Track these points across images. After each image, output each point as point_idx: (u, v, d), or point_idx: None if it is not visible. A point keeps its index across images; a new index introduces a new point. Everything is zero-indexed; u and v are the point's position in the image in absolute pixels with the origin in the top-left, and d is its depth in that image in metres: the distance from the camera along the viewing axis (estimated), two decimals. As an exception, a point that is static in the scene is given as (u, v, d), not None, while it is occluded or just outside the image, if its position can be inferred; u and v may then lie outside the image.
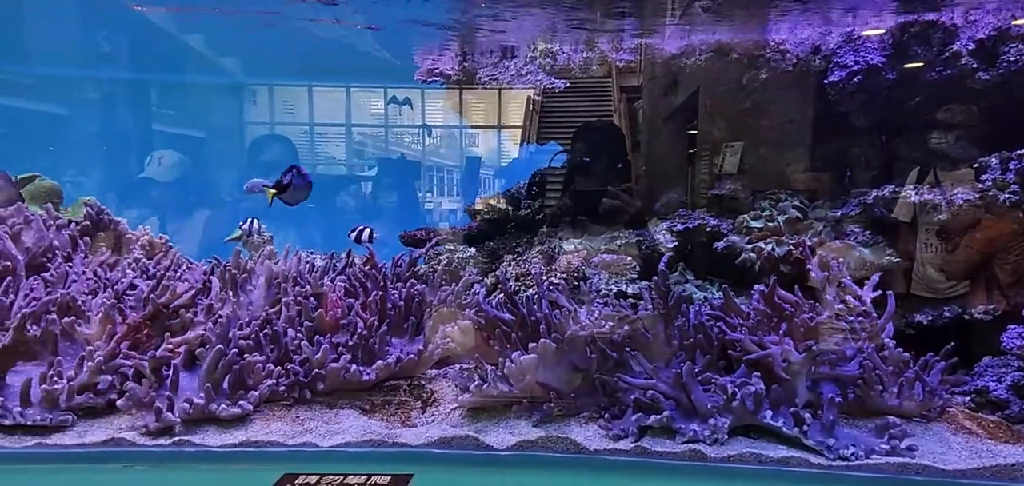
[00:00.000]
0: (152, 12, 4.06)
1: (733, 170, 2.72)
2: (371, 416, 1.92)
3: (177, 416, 1.72)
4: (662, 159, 2.69)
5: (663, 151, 2.72)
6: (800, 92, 2.35)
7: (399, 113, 5.68)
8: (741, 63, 2.34)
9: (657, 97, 2.63)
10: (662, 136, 2.63)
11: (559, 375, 1.83)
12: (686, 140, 2.68)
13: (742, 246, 2.17)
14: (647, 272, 2.40)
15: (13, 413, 1.67)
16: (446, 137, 5.92)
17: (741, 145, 2.67)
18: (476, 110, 3.78)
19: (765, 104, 2.42)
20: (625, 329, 1.82)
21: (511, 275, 2.37)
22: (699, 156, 2.62)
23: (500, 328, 1.95)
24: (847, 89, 2.13)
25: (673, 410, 1.69)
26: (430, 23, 2.35)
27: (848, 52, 2.13)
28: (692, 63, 2.31)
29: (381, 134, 5.92)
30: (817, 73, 2.27)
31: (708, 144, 2.60)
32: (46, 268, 2.41)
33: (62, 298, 2.05)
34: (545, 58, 2.41)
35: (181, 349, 1.94)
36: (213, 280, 2.25)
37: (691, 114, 2.58)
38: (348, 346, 2.03)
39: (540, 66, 2.39)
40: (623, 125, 2.97)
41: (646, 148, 2.86)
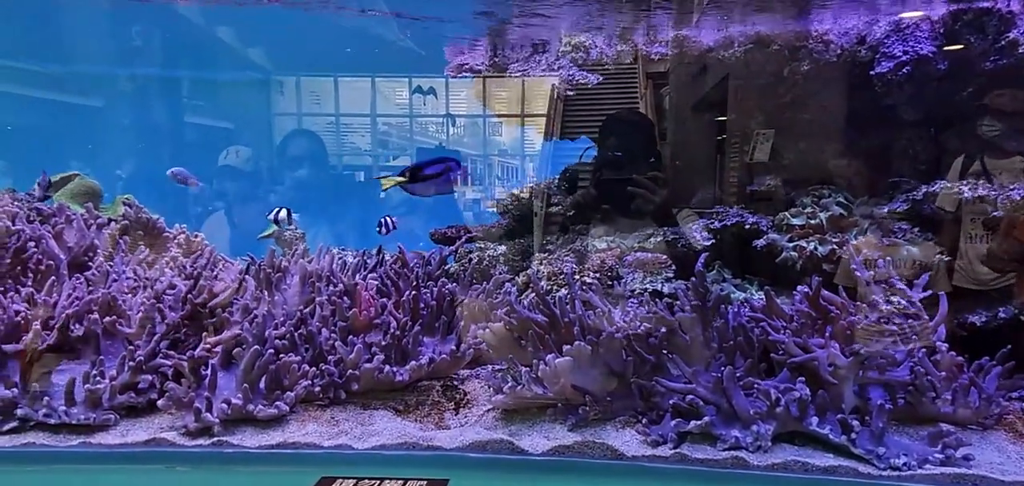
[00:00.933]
0: (182, 3, 4.09)
1: (764, 158, 2.63)
2: (405, 417, 1.92)
3: (215, 416, 1.74)
4: (692, 152, 2.62)
5: (693, 144, 2.65)
6: (844, 84, 2.26)
7: (423, 103, 5.67)
8: (781, 55, 2.26)
9: (688, 89, 2.56)
10: (692, 128, 2.56)
11: (594, 378, 1.80)
12: (717, 132, 2.60)
13: (783, 244, 2.10)
14: (682, 271, 2.34)
15: (58, 412, 1.71)
16: (470, 126, 5.89)
17: (772, 133, 2.59)
18: (501, 101, 3.72)
19: (806, 96, 2.33)
20: (662, 331, 1.77)
21: (542, 274, 2.34)
22: (730, 147, 2.55)
23: (533, 329, 1.93)
24: (895, 80, 2.04)
25: (713, 415, 1.65)
26: (459, 19, 2.33)
27: (896, 42, 2.04)
28: (730, 55, 2.24)
29: (405, 124, 5.92)
30: (862, 64, 2.18)
31: (739, 136, 2.52)
32: (87, 267, 2.47)
33: (103, 297, 2.08)
34: (577, 52, 2.36)
35: (218, 349, 1.96)
36: (248, 279, 2.27)
37: (726, 107, 2.50)
38: (382, 346, 2.03)
39: (572, 61, 2.34)
40: (650, 115, 2.90)
41: (675, 140, 2.79)
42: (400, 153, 6.29)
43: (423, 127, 6.05)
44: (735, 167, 2.39)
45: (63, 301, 2.02)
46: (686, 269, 2.35)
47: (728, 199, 2.55)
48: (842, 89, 2.29)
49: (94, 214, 2.71)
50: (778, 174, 2.37)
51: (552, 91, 3.01)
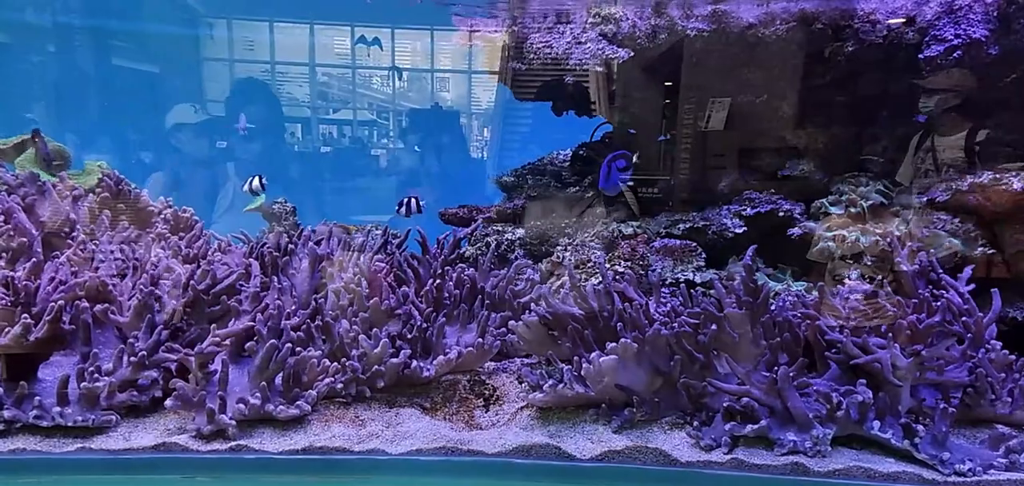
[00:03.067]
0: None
1: (720, 126, 2.57)
2: (433, 416, 1.80)
3: (231, 418, 1.58)
4: (714, 138, 2.51)
5: (716, 130, 2.54)
6: (888, 67, 2.18)
7: (367, 54, 5.40)
8: (824, 34, 2.16)
9: (713, 69, 2.44)
10: (717, 113, 2.46)
11: (639, 377, 1.70)
12: (743, 116, 2.50)
13: (821, 233, 2.03)
14: (712, 259, 2.26)
15: (51, 413, 1.52)
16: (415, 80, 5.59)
17: (728, 101, 2.51)
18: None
19: (846, 79, 2.25)
20: (713, 329, 1.68)
21: (571, 262, 2.22)
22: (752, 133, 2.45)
23: (570, 324, 1.81)
24: (944, 65, 1.97)
25: (768, 418, 1.57)
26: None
27: (948, 25, 1.96)
28: (770, 33, 2.13)
29: (347, 75, 5.62)
30: (908, 46, 2.10)
31: (774, 121, 2.43)
32: (63, 245, 2.24)
33: (91, 282, 1.89)
34: (607, 24, 2.22)
35: (227, 341, 1.79)
36: (253, 263, 2.09)
37: (757, 89, 2.40)
38: (407, 340, 1.89)
39: (601, 33, 2.19)
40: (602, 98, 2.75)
41: (694, 125, 2.68)
42: (341, 106, 5.96)
43: (366, 80, 5.77)
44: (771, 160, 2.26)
45: (46, 286, 1.81)
46: (715, 256, 2.28)
47: (746, 185, 2.46)
48: (885, 73, 2.21)
49: (69, 184, 2.46)
50: (810, 159, 2.29)
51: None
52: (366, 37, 5.29)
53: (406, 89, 5.69)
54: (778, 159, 2.41)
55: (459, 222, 2.81)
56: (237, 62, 5.52)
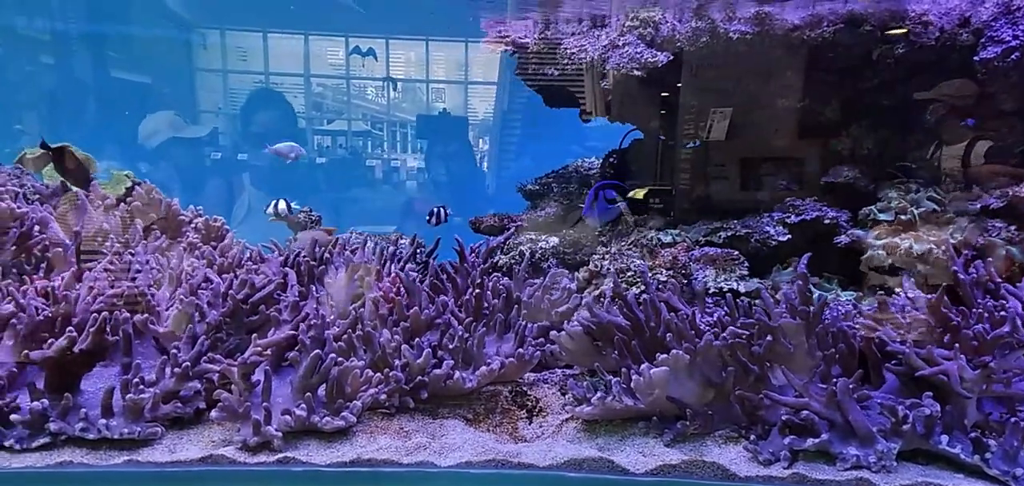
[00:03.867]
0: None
1: (721, 136, 2.52)
2: (477, 427, 1.76)
3: (277, 429, 1.55)
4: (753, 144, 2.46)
5: (757, 134, 2.50)
6: (940, 70, 2.13)
7: (362, 65, 5.40)
8: (872, 36, 2.12)
9: (753, 73, 2.40)
10: (756, 117, 2.41)
11: (691, 389, 1.66)
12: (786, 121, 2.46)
13: (870, 242, 1.98)
14: (755, 267, 2.21)
15: (97, 425, 1.50)
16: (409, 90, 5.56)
17: (730, 110, 2.47)
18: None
19: (893, 82, 2.20)
20: (768, 340, 1.63)
21: (609, 270, 2.18)
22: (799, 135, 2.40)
23: (616, 335, 1.77)
24: (1001, 68, 1.91)
25: (828, 431, 1.52)
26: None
27: (1005, 26, 1.91)
28: (817, 35, 2.08)
29: (341, 86, 5.62)
30: (964, 49, 2.05)
31: (817, 126, 2.38)
32: (96, 254, 2.23)
33: (130, 292, 1.87)
34: (645, 28, 2.18)
35: (268, 352, 1.76)
36: (289, 272, 2.07)
37: (798, 93, 2.36)
38: (448, 350, 1.85)
39: (640, 37, 2.16)
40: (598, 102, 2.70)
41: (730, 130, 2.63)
42: (335, 116, 5.97)
43: (361, 90, 5.77)
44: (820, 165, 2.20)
45: (85, 296, 1.79)
46: (757, 265, 2.23)
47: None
48: (935, 76, 2.16)
49: (100, 193, 2.45)
50: (856, 165, 2.24)
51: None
52: (360, 48, 5.30)
53: (400, 99, 5.70)
54: (821, 165, 2.36)
55: (491, 231, 2.78)
56: (230, 73, 5.53)
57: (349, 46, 5.43)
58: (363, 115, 6.07)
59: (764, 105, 2.40)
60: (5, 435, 1.48)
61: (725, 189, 2.46)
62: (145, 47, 5.32)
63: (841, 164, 2.28)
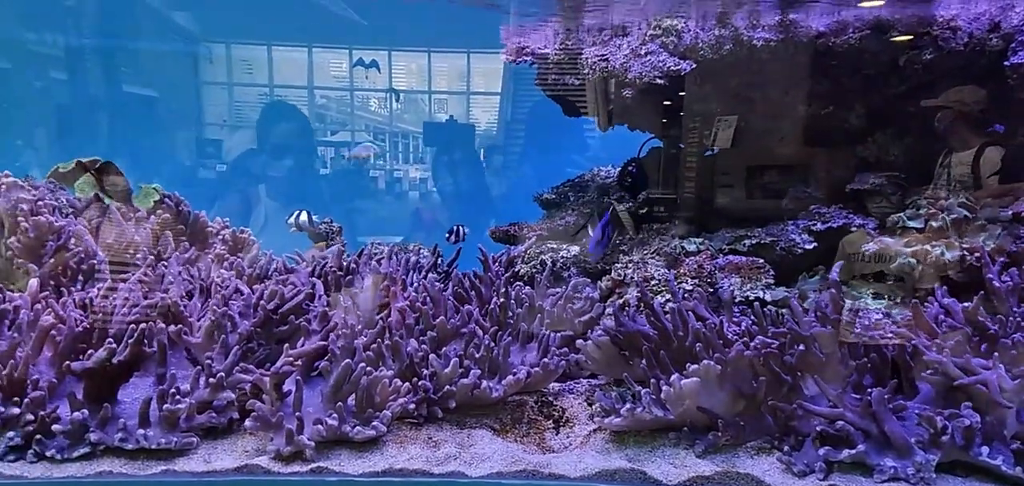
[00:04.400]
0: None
1: (726, 144, 2.52)
2: (504, 437, 1.76)
3: (309, 439, 1.56)
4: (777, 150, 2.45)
5: (779, 141, 2.49)
6: (969, 75, 2.11)
7: (366, 77, 5.43)
8: (899, 42, 2.10)
9: (776, 80, 2.39)
10: (786, 123, 2.40)
11: (722, 400, 1.65)
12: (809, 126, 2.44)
13: (899, 249, 1.96)
14: (780, 275, 2.19)
15: (135, 436, 1.52)
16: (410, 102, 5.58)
17: (735, 118, 2.47)
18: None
19: (921, 88, 2.18)
20: (800, 349, 1.62)
21: (633, 279, 2.17)
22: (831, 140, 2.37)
23: (645, 345, 1.77)
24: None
25: (864, 442, 1.50)
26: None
27: (1036, 29, 1.89)
28: (841, 42, 2.07)
29: (345, 98, 5.67)
30: (993, 54, 2.02)
31: (842, 133, 2.36)
32: (129, 266, 2.27)
33: (164, 303, 1.90)
34: (668, 36, 2.18)
35: (299, 362, 1.78)
36: (317, 282, 2.09)
37: (823, 100, 2.34)
38: (474, 359, 1.86)
39: (663, 45, 2.16)
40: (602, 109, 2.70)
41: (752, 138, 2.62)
42: (339, 128, 6.04)
43: (364, 102, 5.82)
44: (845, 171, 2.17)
45: (121, 308, 1.83)
46: (782, 273, 2.21)
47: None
48: (965, 81, 2.14)
49: (131, 207, 2.50)
50: (882, 172, 2.22)
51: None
52: (363, 60, 5.35)
53: (403, 110, 5.75)
54: (846, 172, 2.34)
55: (509, 240, 2.78)
56: (236, 85, 5.61)
57: (353, 58, 5.49)
58: (366, 126, 6.14)
59: (787, 112, 2.38)
60: (46, 445, 1.51)
61: (746, 196, 2.45)
62: (154, 61, 5.42)
63: (867, 171, 2.27)
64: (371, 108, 6.01)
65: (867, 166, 2.32)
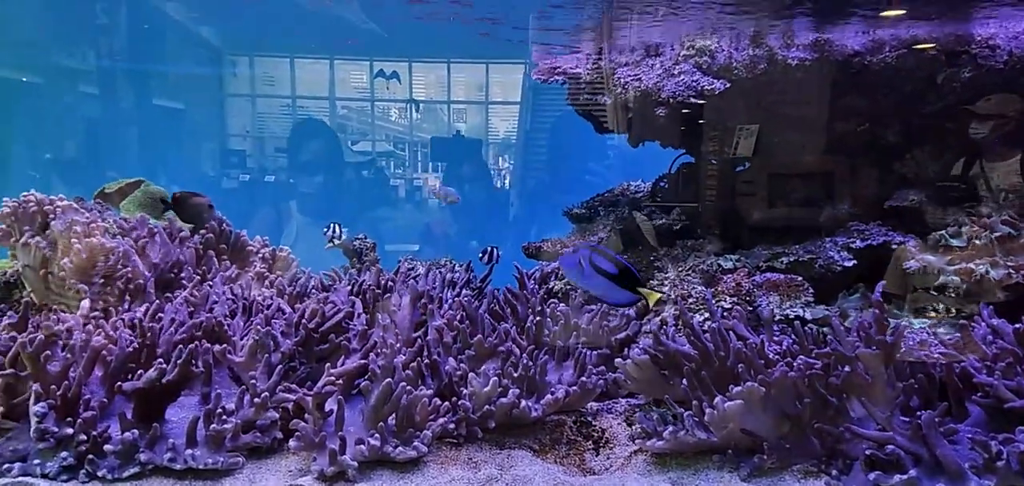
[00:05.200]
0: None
1: (748, 153, 2.49)
2: (545, 458, 1.76)
3: (352, 459, 1.58)
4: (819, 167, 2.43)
5: (815, 158, 2.46)
6: (1006, 93, 2.08)
7: (387, 88, 5.50)
8: (936, 60, 2.08)
9: (811, 98, 2.37)
10: (820, 140, 2.38)
11: (766, 422, 1.63)
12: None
13: (941, 266, 1.92)
14: (820, 293, 2.16)
15: (184, 455, 1.55)
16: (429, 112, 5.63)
17: (756, 127, 2.44)
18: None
19: (959, 107, 2.15)
20: (845, 370, 1.60)
21: (670, 296, 2.16)
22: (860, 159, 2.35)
23: (686, 366, 1.76)
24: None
25: (915, 467, 1.47)
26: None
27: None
28: (877, 61, 2.06)
29: (365, 108, 5.75)
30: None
31: (878, 150, 2.33)
32: (174, 286, 2.32)
33: (209, 323, 1.93)
34: (701, 56, 2.18)
35: (340, 381, 1.80)
36: (355, 301, 2.12)
37: (859, 117, 2.32)
38: (512, 378, 1.86)
39: (696, 65, 2.16)
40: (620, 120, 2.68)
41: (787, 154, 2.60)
42: (360, 138, 6.12)
43: (384, 112, 5.89)
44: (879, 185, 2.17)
45: (168, 328, 1.87)
46: (821, 291, 2.19)
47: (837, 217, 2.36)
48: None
49: (177, 226, 2.55)
50: (921, 189, 2.19)
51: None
52: (384, 71, 5.43)
53: (422, 120, 5.81)
54: (883, 189, 2.31)
55: (540, 255, 2.79)
56: (258, 97, 5.72)
57: (373, 69, 5.58)
58: (386, 136, 6.22)
59: (822, 130, 2.36)
60: (98, 465, 1.54)
61: (781, 213, 2.43)
62: (180, 75, 5.57)
63: (905, 188, 2.24)
64: (391, 118, 6.10)
65: (905, 183, 2.29)
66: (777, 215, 2.45)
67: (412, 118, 6.00)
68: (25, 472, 1.54)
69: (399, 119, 6.18)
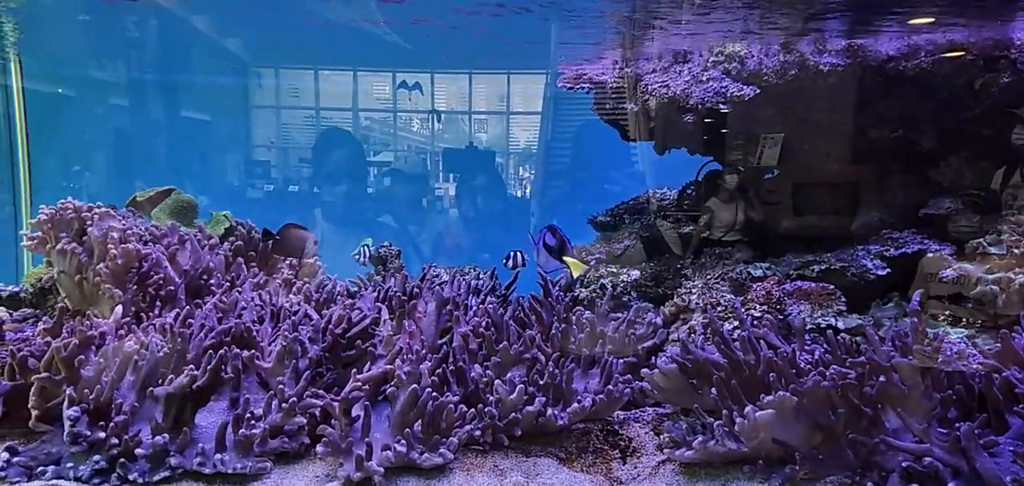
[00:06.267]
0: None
1: (773, 162, 2.46)
2: (571, 467, 1.74)
3: (377, 465, 1.58)
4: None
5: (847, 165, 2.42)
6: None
7: (409, 98, 5.53)
8: (974, 65, 2.03)
9: (841, 104, 2.33)
10: (852, 147, 2.34)
11: (798, 432, 1.59)
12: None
13: (981, 276, 1.87)
14: (852, 302, 2.12)
15: (213, 460, 1.56)
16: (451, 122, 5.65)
17: (781, 136, 2.39)
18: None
19: (999, 112, 2.10)
20: (880, 380, 1.56)
21: (698, 304, 2.13)
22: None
23: (715, 374, 1.73)
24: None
25: (953, 480, 1.43)
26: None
27: None
28: (911, 66, 2.02)
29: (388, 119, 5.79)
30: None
31: (913, 156, 2.28)
32: (203, 292, 2.35)
33: (237, 329, 1.96)
34: (730, 62, 2.16)
35: (366, 386, 1.81)
36: (382, 308, 2.13)
37: (892, 124, 2.27)
38: (538, 385, 1.85)
39: (725, 71, 2.14)
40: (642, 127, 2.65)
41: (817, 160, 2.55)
42: (382, 148, 6.17)
43: (406, 123, 5.93)
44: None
45: (198, 333, 1.89)
46: (853, 300, 2.14)
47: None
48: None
49: (206, 234, 2.59)
50: (958, 197, 2.13)
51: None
52: (407, 82, 5.47)
53: (443, 131, 5.85)
54: (918, 196, 2.26)
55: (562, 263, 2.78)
56: (283, 108, 5.81)
57: (396, 81, 5.64)
58: (408, 146, 6.27)
59: (854, 136, 2.32)
60: (130, 469, 1.56)
61: (812, 222, 2.39)
62: (207, 87, 5.69)
63: (941, 195, 2.18)
64: (413, 129, 6.15)
65: (941, 190, 2.23)
66: (807, 223, 2.41)
67: (434, 129, 6.04)
68: (58, 475, 1.56)
69: (421, 130, 6.23)
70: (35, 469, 1.57)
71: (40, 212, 2.18)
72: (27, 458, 1.58)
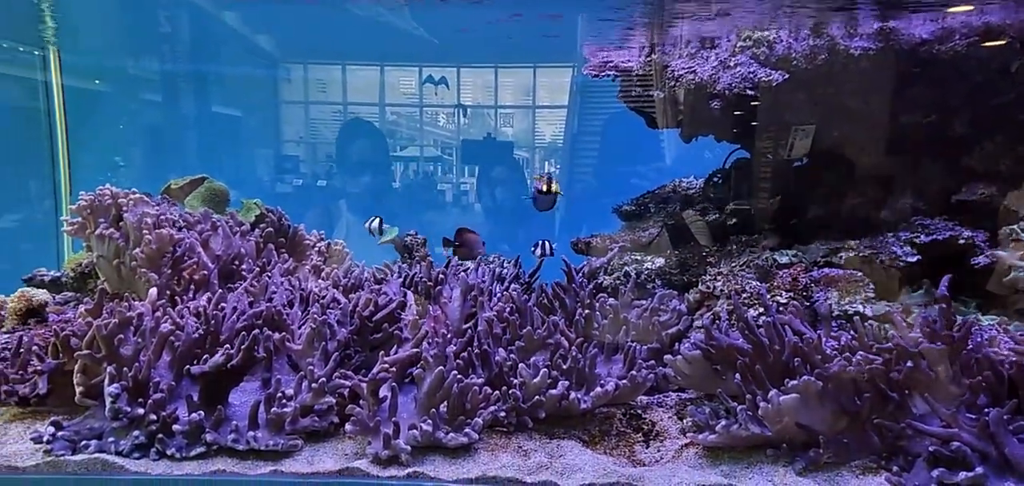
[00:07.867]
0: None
1: (804, 153, 2.44)
2: (594, 449, 1.76)
3: (405, 444, 1.62)
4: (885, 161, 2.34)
5: (878, 150, 2.38)
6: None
7: (435, 93, 5.54)
8: (1010, 48, 1.98)
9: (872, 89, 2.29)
10: (884, 133, 2.30)
11: (823, 417, 1.59)
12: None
13: (1014, 262, 1.83)
14: (881, 290, 2.09)
15: (246, 437, 1.62)
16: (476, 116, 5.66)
17: (813, 128, 2.35)
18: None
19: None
20: (908, 366, 1.54)
21: (723, 291, 2.13)
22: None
23: (740, 359, 1.73)
24: None
25: (982, 465, 1.41)
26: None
27: None
28: (947, 49, 1.97)
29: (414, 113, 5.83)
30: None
31: (946, 142, 2.24)
32: (235, 277, 2.41)
33: (268, 311, 2.01)
34: (758, 47, 2.14)
35: (393, 368, 1.85)
36: (408, 293, 2.16)
37: (925, 109, 2.23)
38: (561, 370, 1.87)
39: (754, 56, 2.12)
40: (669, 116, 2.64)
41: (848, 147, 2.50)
42: (408, 143, 6.22)
43: (433, 117, 5.95)
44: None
45: (231, 316, 1.95)
46: (885, 287, 2.11)
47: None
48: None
49: (238, 220, 2.66)
50: (991, 182, 2.09)
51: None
52: (433, 77, 5.50)
53: (469, 125, 5.87)
54: (951, 182, 2.21)
55: (589, 251, 2.79)
56: (312, 103, 5.89)
57: (422, 75, 5.68)
58: (434, 140, 6.32)
59: (885, 121, 2.28)
60: (167, 444, 1.62)
61: (842, 208, 2.35)
62: (238, 82, 5.79)
63: (975, 181, 2.13)
64: (439, 123, 6.20)
65: (974, 176, 2.18)
66: (837, 210, 2.37)
67: (460, 123, 6.08)
68: (101, 449, 1.63)
69: (447, 124, 6.27)
70: (78, 443, 1.64)
71: (80, 198, 2.26)
72: (71, 432, 1.66)
